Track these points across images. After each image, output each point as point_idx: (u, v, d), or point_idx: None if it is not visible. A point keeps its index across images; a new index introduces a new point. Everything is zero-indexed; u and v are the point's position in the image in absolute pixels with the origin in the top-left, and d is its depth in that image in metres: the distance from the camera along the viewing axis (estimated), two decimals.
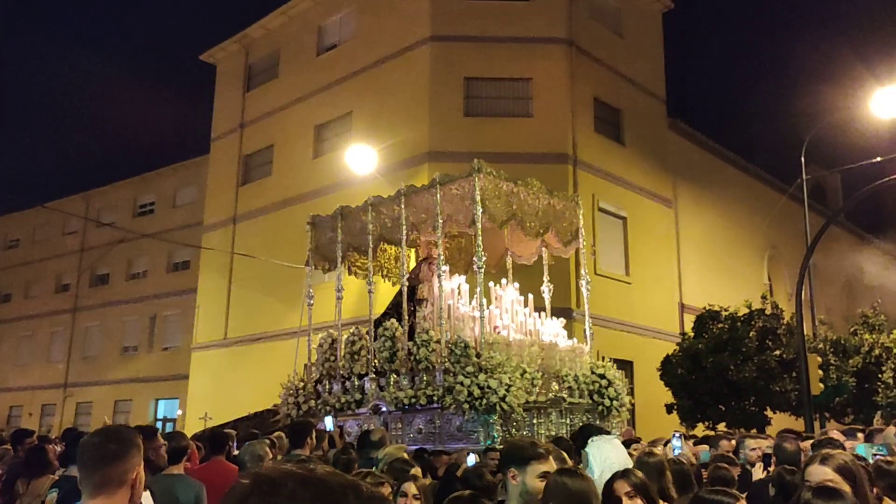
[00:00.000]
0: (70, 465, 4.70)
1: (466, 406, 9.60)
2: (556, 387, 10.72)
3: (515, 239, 12.19)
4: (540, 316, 11.76)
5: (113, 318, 33.15)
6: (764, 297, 20.03)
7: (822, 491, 2.79)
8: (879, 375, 18.82)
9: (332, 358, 12.16)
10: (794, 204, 23.07)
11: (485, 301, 11.02)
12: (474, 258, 10.68)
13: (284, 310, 20.49)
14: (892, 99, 15.99)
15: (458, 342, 10.06)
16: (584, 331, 12.11)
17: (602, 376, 11.31)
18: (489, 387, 9.47)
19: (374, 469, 5.32)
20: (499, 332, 10.81)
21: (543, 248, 12.46)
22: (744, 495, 3.49)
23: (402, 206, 11.40)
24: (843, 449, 5.23)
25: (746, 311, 18.73)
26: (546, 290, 12.18)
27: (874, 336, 20.00)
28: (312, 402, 11.84)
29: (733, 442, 7.88)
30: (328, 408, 11.54)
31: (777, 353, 17.69)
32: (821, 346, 18.35)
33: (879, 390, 18.69)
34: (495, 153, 11.52)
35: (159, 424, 27.90)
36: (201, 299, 25.83)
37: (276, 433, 8.79)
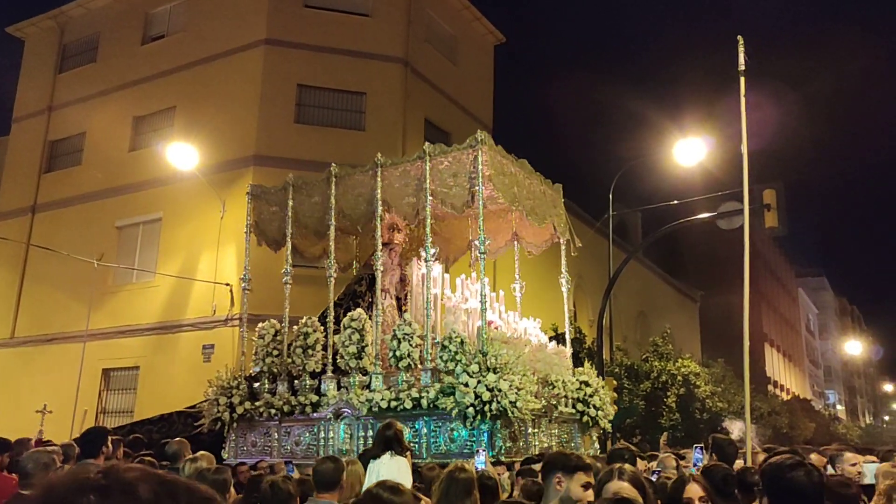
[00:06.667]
0: None
1: (472, 411, 8.22)
2: (547, 393, 9.71)
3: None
4: (514, 314, 10.71)
5: None
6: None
7: (619, 502, 2.96)
8: (665, 400, 20.53)
9: (277, 352, 10.47)
10: (600, 238, 24.71)
11: (464, 292, 9.91)
12: (475, 242, 9.32)
13: (85, 310, 19.08)
14: (692, 148, 17.64)
15: (453, 337, 8.79)
16: (565, 335, 11.48)
17: (586, 383, 10.35)
18: (499, 389, 8.15)
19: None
20: (497, 329, 9.63)
21: (515, 242, 11.42)
22: None
23: (379, 180, 9.91)
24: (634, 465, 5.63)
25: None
26: (518, 287, 11.33)
27: (662, 363, 21.82)
28: (248, 405, 10.30)
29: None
30: (273, 411, 10.04)
31: None
32: (617, 370, 19.72)
33: (664, 413, 20.38)
34: (324, 163, 11.37)
35: None
36: None
37: (68, 442, 8.09)
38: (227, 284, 18.13)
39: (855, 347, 67.04)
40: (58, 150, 23.71)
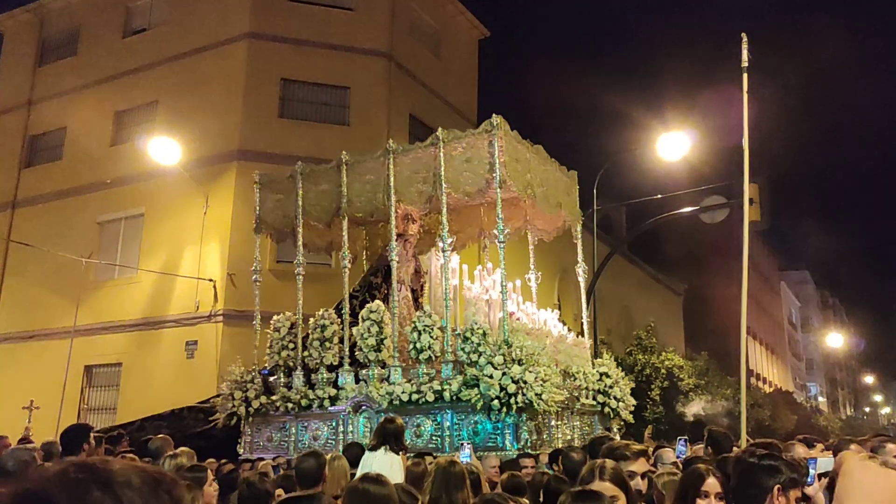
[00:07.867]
0: None
1: (497, 404, 8.08)
2: (569, 384, 9.56)
3: (493, 217, 10.37)
4: (531, 305, 10.61)
5: None
6: None
7: (582, 494, 2.92)
8: (649, 393, 20.64)
9: (292, 345, 10.34)
10: (585, 232, 24.74)
11: (483, 283, 9.72)
12: (494, 232, 9.20)
13: (67, 306, 18.93)
14: (675, 143, 17.73)
15: (475, 328, 8.64)
16: (582, 322, 11.40)
17: (606, 374, 10.28)
18: (525, 381, 8.00)
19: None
20: (518, 320, 9.40)
21: (529, 231, 11.30)
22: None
23: (391, 166, 9.72)
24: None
25: None
26: (532, 277, 11.25)
27: (646, 357, 21.93)
28: (264, 399, 10.17)
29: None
30: (290, 405, 9.91)
31: None
32: None
33: (648, 407, 20.49)
34: (309, 157, 11.33)
35: None
36: None
37: (51, 440, 7.99)
38: (211, 280, 18.03)
39: (836, 340, 67.67)
40: (38, 144, 23.48)
